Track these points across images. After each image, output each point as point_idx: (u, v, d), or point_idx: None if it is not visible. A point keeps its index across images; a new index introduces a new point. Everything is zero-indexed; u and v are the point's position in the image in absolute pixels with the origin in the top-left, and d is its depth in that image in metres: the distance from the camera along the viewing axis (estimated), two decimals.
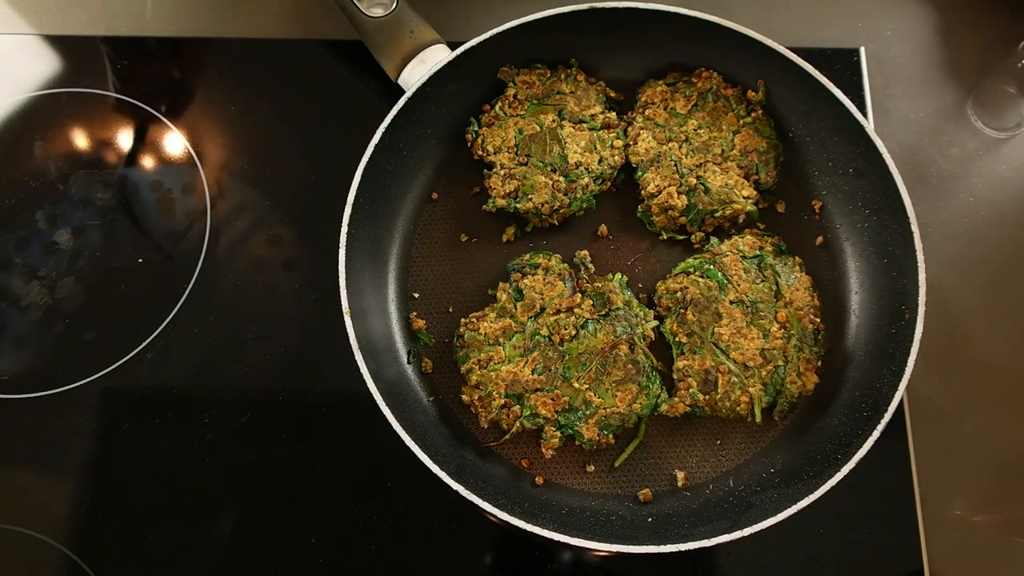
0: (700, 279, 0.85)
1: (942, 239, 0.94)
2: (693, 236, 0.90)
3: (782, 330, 0.83)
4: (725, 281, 0.85)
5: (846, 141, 0.86)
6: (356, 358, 0.76)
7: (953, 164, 0.97)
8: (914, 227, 0.80)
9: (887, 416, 0.75)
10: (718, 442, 0.85)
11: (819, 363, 0.84)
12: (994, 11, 1.02)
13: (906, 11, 1.04)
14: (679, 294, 0.85)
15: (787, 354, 0.83)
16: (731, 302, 0.84)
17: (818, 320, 0.85)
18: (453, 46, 0.87)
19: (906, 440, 0.87)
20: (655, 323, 0.86)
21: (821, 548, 0.84)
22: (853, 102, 0.83)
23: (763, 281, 0.85)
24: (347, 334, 0.77)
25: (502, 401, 0.81)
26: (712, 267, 0.86)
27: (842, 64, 1.00)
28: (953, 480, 0.86)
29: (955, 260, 0.93)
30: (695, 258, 0.88)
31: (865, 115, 0.97)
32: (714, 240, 0.89)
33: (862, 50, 1.01)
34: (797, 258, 0.88)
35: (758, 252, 0.87)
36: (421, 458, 0.74)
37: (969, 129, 0.99)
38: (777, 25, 1.03)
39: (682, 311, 0.84)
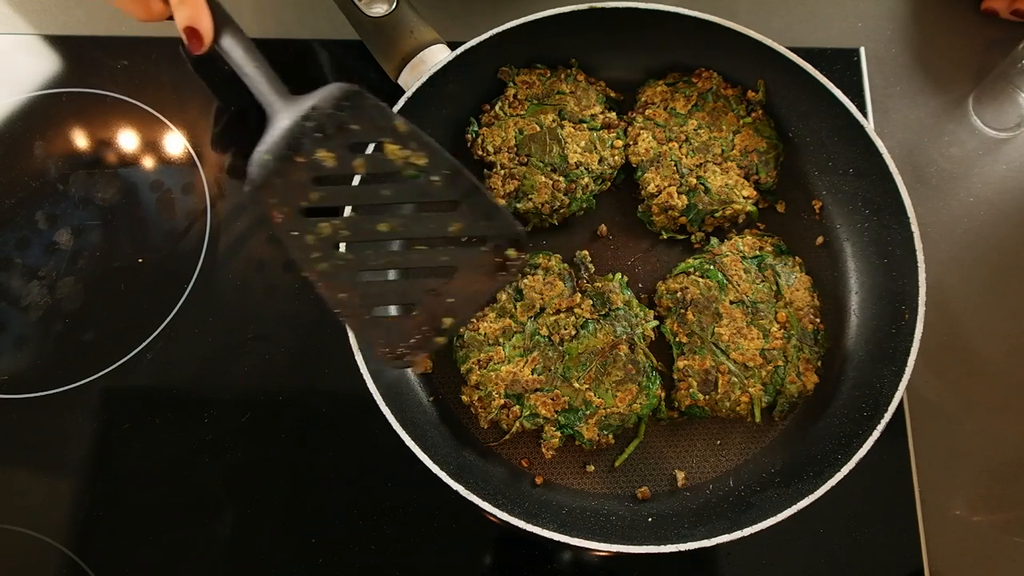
0: (700, 279, 0.85)
1: (942, 239, 0.94)
2: (693, 236, 0.90)
3: (782, 330, 0.83)
4: (725, 281, 0.85)
5: (846, 141, 0.86)
6: (356, 358, 0.76)
7: (953, 164, 0.97)
8: (914, 227, 0.80)
9: (887, 416, 0.75)
10: (718, 442, 0.85)
11: (819, 363, 0.84)
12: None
13: (906, 11, 1.04)
14: (679, 294, 0.85)
15: (787, 354, 0.83)
16: (731, 302, 0.84)
17: (818, 320, 0.85)
18: (453, 46, 0.87)
19: (906, 440, 0.87)
20: (655, 323, 0.86)
21: (821, 548, 0.84)
22: (853, 102, 0.83)
23: (763, 281, 0.85)
24: (347, 334, 0.77)
25: (502, 401, 0.81)
26: (712, 267, 0.86)
27: (842, 64, 1.00)
28: (953, 480, 0.86)
29: (955, 260, 0.94)
30: (695, 258, 0.88)
31: (865, 115, 0.97)
32: (714, 240, 0.89)
33: (862, 50, 1.01)
34: (797, 258, 0.88)
35: (758, 252, 0.87)
36: (421, 458, 0.74)
37: (969, 129, 0.99)
38: (777, 25, 1.03)
39: (682, 311, 0.84)
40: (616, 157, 0.91)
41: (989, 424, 0.88)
